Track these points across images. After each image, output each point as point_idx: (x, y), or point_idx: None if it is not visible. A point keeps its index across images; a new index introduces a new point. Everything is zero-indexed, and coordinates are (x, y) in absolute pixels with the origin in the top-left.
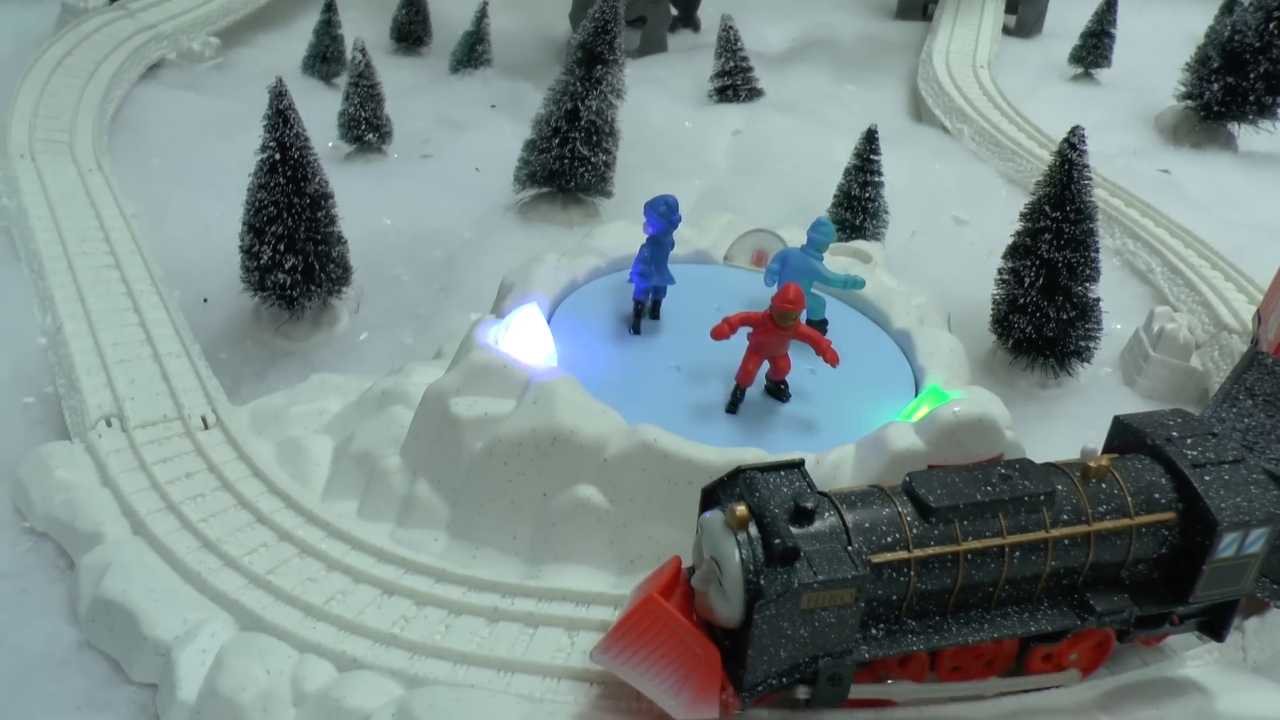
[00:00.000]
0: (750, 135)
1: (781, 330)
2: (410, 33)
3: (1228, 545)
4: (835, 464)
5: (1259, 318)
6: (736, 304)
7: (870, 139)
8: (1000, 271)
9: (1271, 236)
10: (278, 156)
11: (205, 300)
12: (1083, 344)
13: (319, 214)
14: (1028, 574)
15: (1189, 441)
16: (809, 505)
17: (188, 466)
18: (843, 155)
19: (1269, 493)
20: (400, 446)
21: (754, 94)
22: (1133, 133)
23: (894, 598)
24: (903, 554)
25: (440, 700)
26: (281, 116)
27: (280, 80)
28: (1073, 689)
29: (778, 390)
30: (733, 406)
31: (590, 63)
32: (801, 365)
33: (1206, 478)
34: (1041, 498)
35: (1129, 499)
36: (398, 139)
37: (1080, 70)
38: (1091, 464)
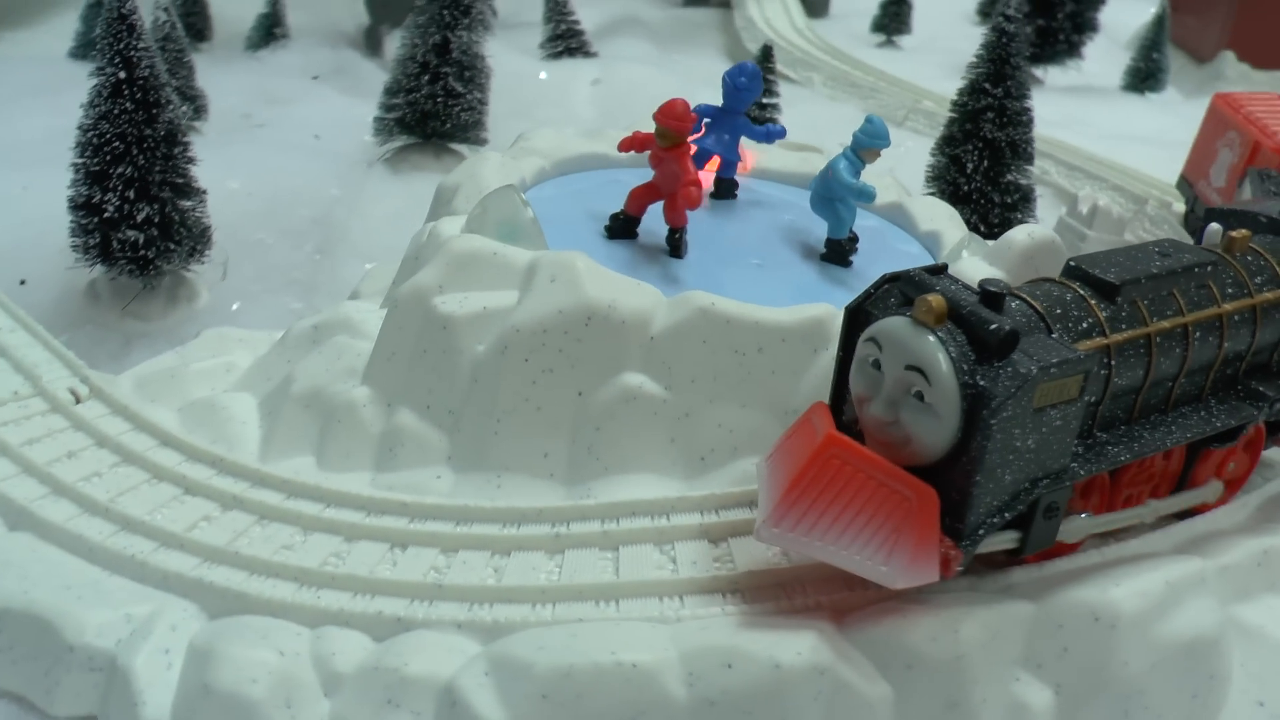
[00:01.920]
0: (611, 84)
1: (662, 154)
2: (190, 25)
3: None
4: None
5: (1188, 182)
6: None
7: (766, 55)
8: (932, 168)
9: (1132, 142)
10: (122, 75)
11: (22, 282)
12: None
13: (175, 151)
14: (1204, 361)
15: None
16: (995, 289)
17: (67, 445)
18: (711, 98)
19: None
20: (363, 375)
21: (589, 54)
22: (952, 83)
23: (1090, 399)
24: (1101, 340)
25: (551, 640)
26: (125, 24)
27: None
28: (1228, 509)
29: (670, 241)
30: (609, 231)
31: None
32: (747, 259)
33: None
34: (1209, 268)
35: (1278, 269)
36: (213, 116)
37: (884, 38)
38: (1234, 235)
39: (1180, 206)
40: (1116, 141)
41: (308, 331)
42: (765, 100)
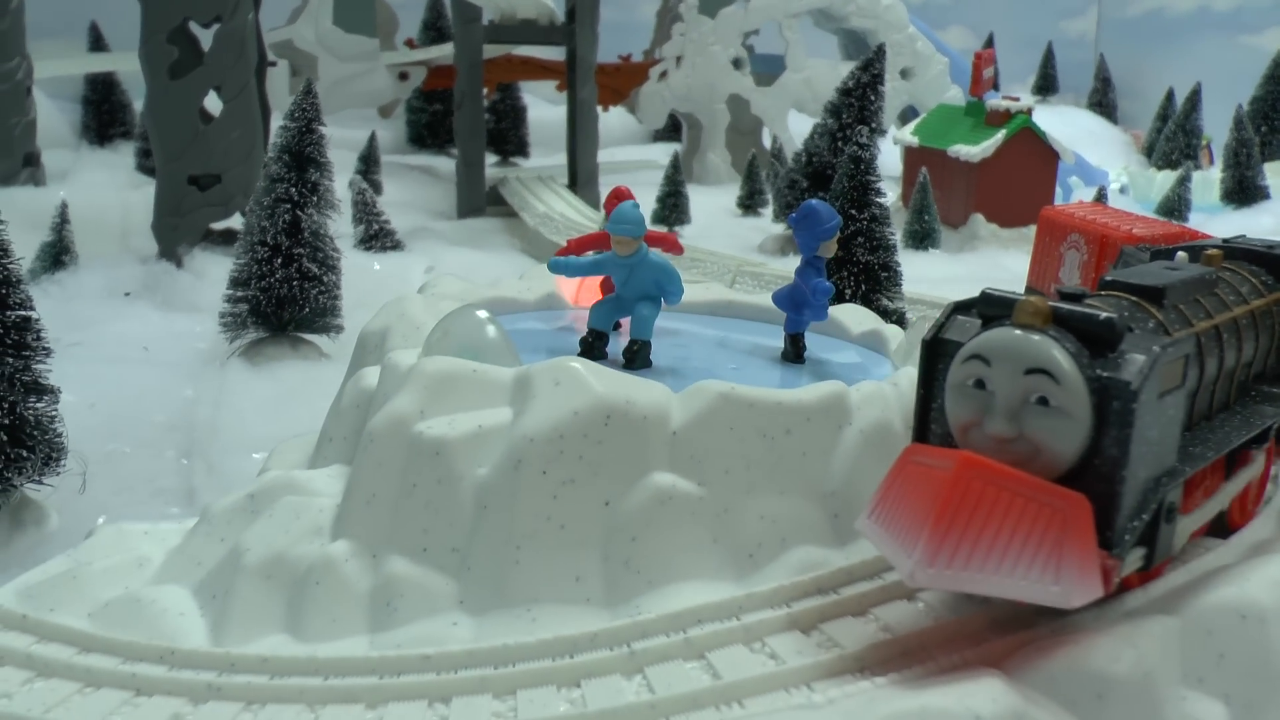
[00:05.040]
0: (445, 270)
1: None
2: None
3: None
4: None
5: (1037, 291)
6: None
7: None
8: None
9: (943, 283)
10: None
11: None
12: None
13: (28, 339)
14: (1230, 364)
15: (1237, 238)
16: (1076, 292)
17: None
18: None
19: None
20: (333, 529)
21: (397, 245)
22: (747, 255)
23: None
24: (1168, 337)
25: None
26: None
27: None
28: (1256, 524)
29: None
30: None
31: (301, 167)
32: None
33: None
34: (1213, 277)
35: (1253, 281)
36: None
37: (667, 228)
38: (1210, 253)
39: None
40: (930, 284)
41: (241, 503)
42: None
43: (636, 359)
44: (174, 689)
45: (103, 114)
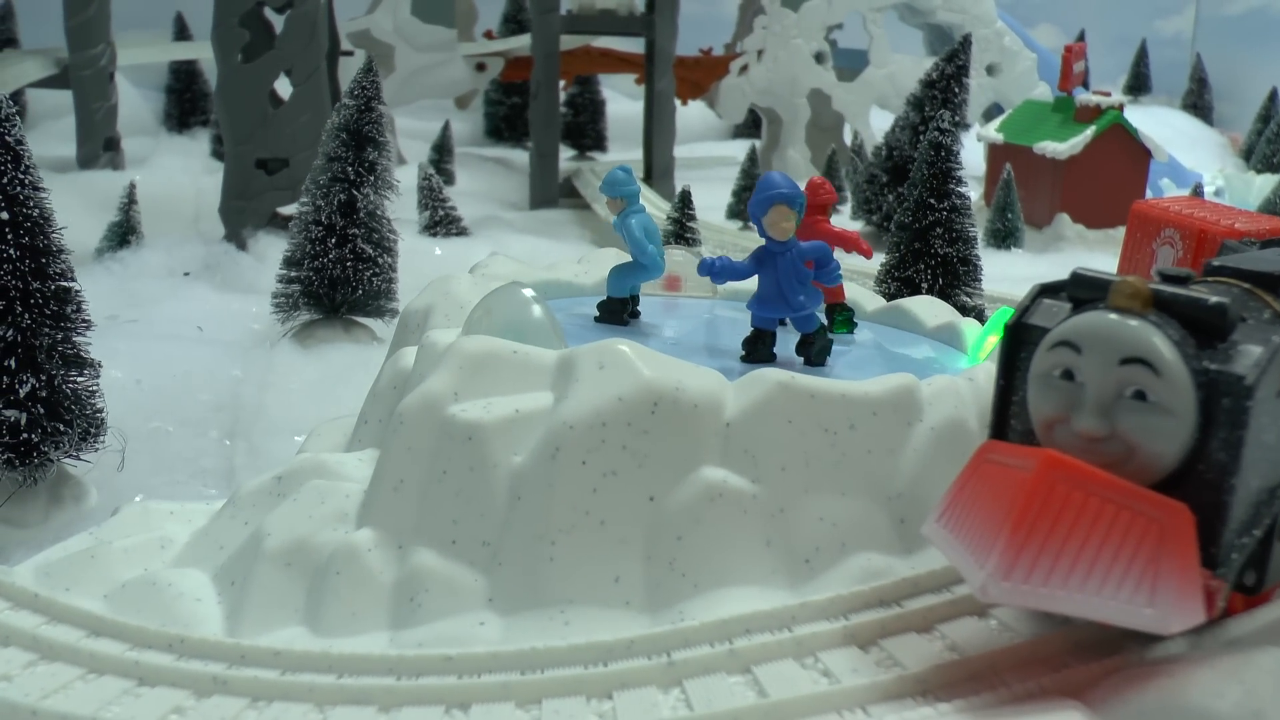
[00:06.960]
0: (510, 255)
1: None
2: None
3: None
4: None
5: None
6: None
7: (686, 200)
8: (879, 295)
9: (1023, 283)
10: (4, 215)
11: None
12: None
13: (67, 311)
14: None
15: None
16: (1179, 274)
17: None
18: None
19: None
20: (358, 516)
21: (463, 232)
22: None
23: None
24: None
25: None
26: (9, 154)
27: (5, 99)
28: None
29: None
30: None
31: (359, 146)
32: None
33: None
34: None
35: None
36: None
37: (741, 224)
38: None
39: None
40: (1010, 283)
41: (268, 484)
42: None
43: (599, 310)
44: (179, 680)
45: (184, 102)
